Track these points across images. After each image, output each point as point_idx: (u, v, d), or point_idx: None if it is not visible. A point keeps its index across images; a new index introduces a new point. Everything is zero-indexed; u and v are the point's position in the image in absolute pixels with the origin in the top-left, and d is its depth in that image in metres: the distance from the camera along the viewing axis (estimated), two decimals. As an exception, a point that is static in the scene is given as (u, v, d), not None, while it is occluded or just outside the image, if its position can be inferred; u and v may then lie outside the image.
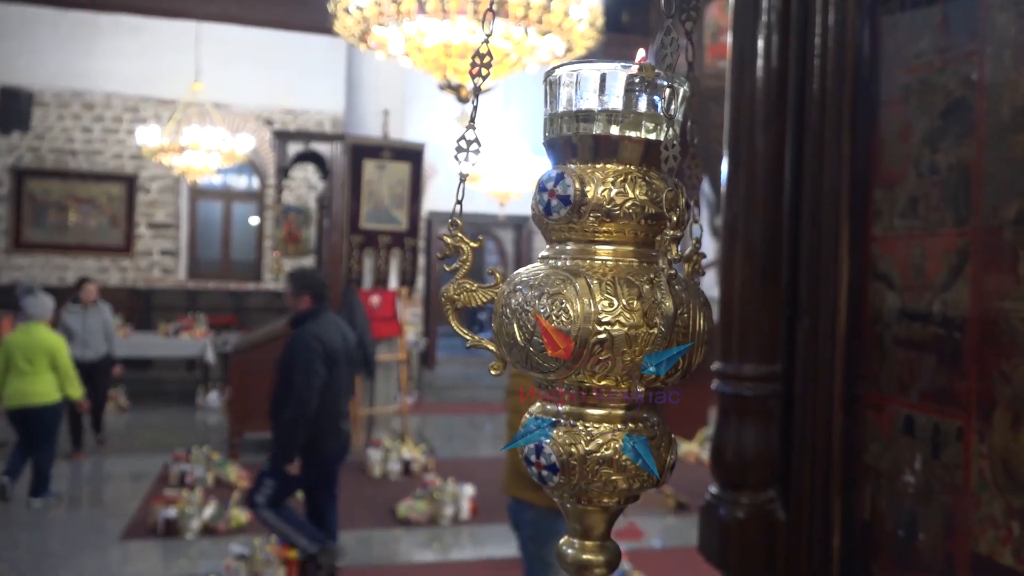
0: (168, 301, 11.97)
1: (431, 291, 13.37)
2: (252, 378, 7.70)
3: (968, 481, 0.98)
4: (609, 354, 0.60)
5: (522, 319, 0.61)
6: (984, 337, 0.97)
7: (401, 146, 8.36)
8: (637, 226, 0.61)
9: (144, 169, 12.20)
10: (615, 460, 0.61)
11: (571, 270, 0.60)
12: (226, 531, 5.66)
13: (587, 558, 0.65)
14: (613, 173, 0.61)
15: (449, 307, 0.67)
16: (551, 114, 0.63)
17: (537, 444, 0.63)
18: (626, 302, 0.59)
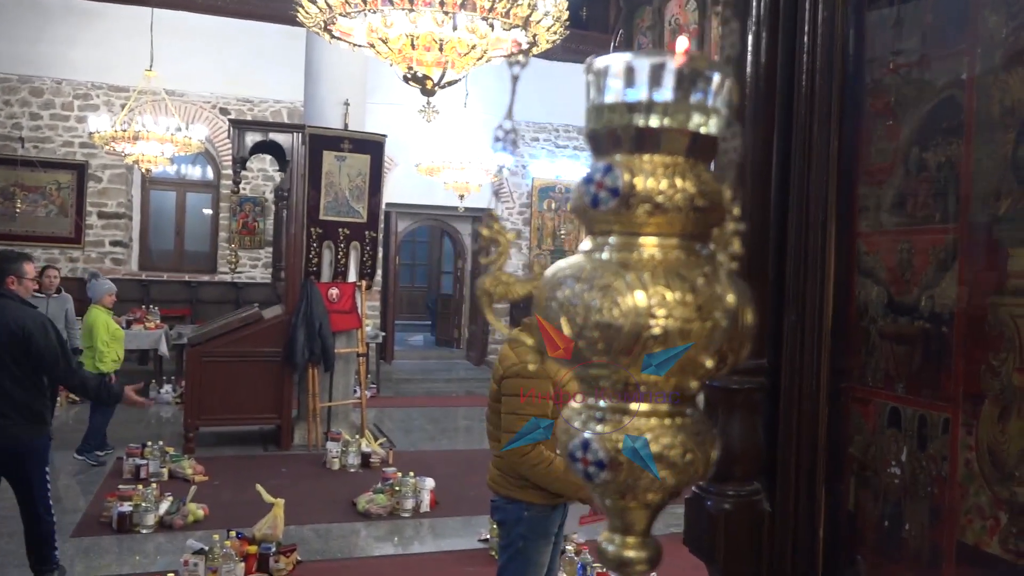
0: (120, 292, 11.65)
1: (388, 285, 13.30)
2: (208, 371, 7.59)
3: (955, 472, 1.00)
4: (664, 348, 0.59)
5: (571, 312, 0.60)
6: (972, 331, 0.99)
7: (361, 137, 8.29)
8: (685, 219, 0.60)
9: (95, 157, 11.90)
10: (664, 456, 0.61)
11: (620, 263, 0.60)
12: (183, 526, 5.58)
13: (629, 555, 0.64)
14: (661, 165, 0.60)
15: (485, 300, 0.66)
16: (595, 105, 0.62)
17: (583, 440, 0.63)
18: (680, 295, 0.58)
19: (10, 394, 4.16)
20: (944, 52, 1.05)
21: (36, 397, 4.30)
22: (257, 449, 7.95)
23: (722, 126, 0.60)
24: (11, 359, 4.16)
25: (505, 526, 3.23)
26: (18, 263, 4.44)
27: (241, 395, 7.66)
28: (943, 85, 1.04)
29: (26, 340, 4.16)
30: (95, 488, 6.45)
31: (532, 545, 3.13)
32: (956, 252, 1.01)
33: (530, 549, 3.13)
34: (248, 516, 5.52)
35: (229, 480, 6.72)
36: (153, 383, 10.21)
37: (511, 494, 3.13)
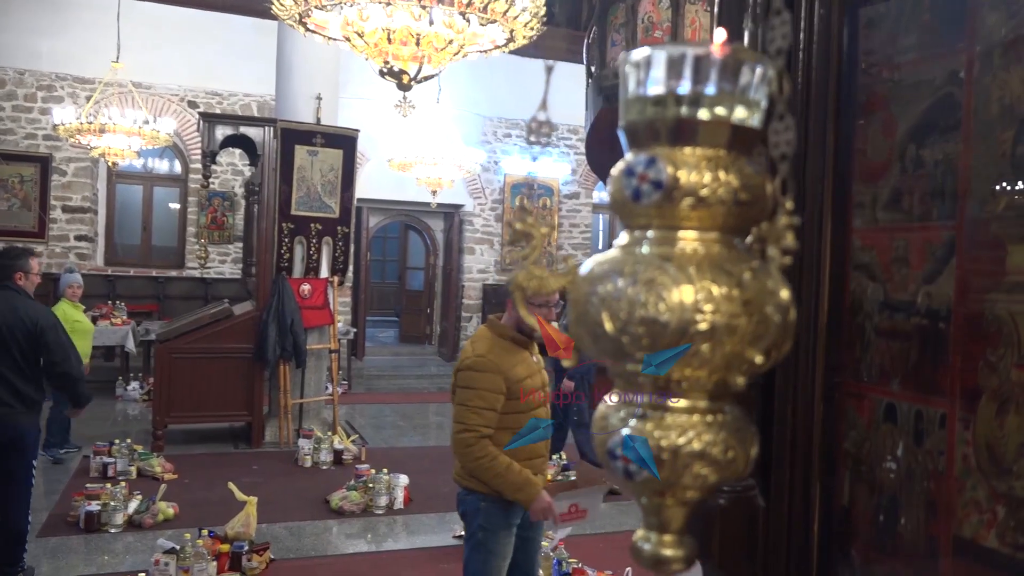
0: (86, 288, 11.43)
1: (360, 280, 13.21)
2: (177, 367, 7.49)
3: (952, 467, 1.01)
4: (709, 344, 0.58)
5: (614, 308, 0.59)
6: (970, 327, 1.00)
7: (334, 132, 8.23)
8: (727, 213, 0.59)
9: (59, 150, 11.68)
10: (706, 453, 0.60)
11: (662, 256, 0.59)
12: (152, 525, 5.50)
13: (666, 553, 0.63)
14: (704, 158, 0.59)
15: (519, 294, 0.64)
16: (633, 97, 0.61)
17: (623, 438, 0.62)
18: (726, 290, 0.57)
19: (14, 384, 4.29)
20: (942, 50, 1.06)
21: (36, 388, 4.43)
22: (227, 447, 7.87)
23: (763, 118, 0.59)
24: (19, 351, 4.30)
25: (467, 518, 3.27)
26: (24, 259, 4.61)
27: (211, 392, 7.57)
28: (941, 83, 1.05)
29: (39, 335, 4.33)
30: (61, 487, 6.34)
31: (491, 536, 3.15)
32: (954, 249, 1.02)
33: (490, 540, 3.16)
34: (219, 514, 5.46)
35: (199, 478, 6.64)
36: (120, 380, 10.06)
37: (470, 485, 3.17)
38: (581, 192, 15.07)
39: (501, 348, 3.11)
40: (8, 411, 4.27)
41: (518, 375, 3.07)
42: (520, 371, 3.08)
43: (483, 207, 14.24)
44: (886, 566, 1.12)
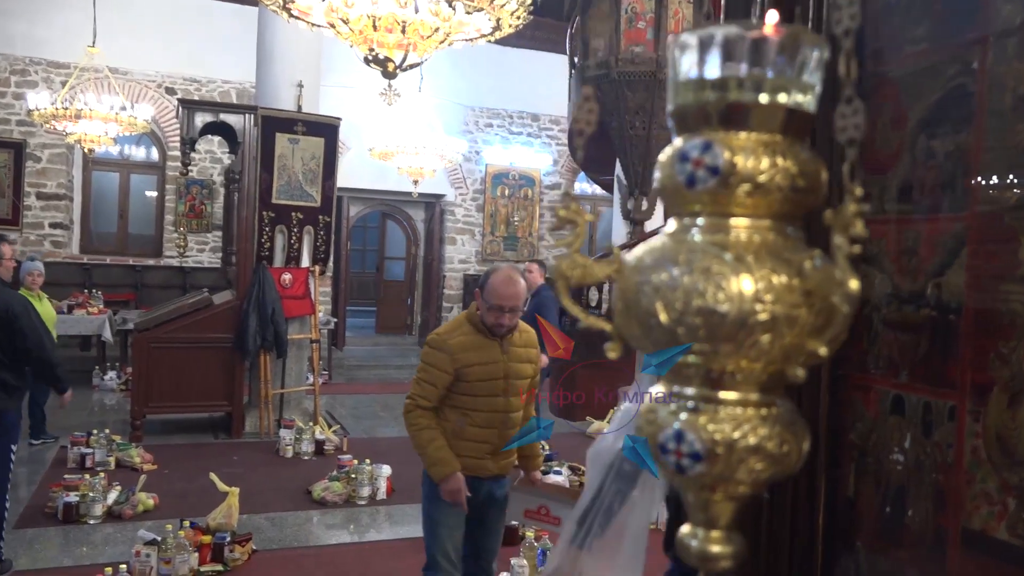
0: (60, 276, 11.32)
1: (340, 270, 13.14)
2: (156, 357, 7.41)
3: (961, 459, 1.01)
4: (769, 336, 0.56)
5: (669, 298, 0.57)
6: (981, 319, 1.00)
7: (316, 120, 8.15)
8: (783, 200, 0.58)
9: (34, 136, 11.50)
10: (762, 447, 0.59)
11: (718, 245, 0.57)
12: (132, 516, 5.44)
13: (714, 550, 0.62)
14: (760, 143, 0.58)
15: (562, 283, 0.63)
16: (683, 80, 0.59)
17: (676, 431, 0.60)
18: (786, 280, 0.56)
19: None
20: (954, 40, 1.06)
21: (12, 374, 4.41)
22: (207, 437, 7.80)
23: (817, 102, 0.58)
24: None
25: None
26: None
27: (190, 382, 7.50)
28: (953, 73, 1.05)
29: (11, 320, 4.32)
30: (38, 478, 6.26)
31: (433, 505, 3.27)
32: (965, 240, 1.02)
33: (431, 509, 3.28)
34: (199, 505, 5.42)
35: (179, 469, 6.58)
36: (97, 369, 9.95)
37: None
38: (563, 183, 15.06)
39: (464, 333, 3.23)
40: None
41: (468, 360, 3.16)
42: (472, 357, 3.17)
43: (464, 197, 14.19)
44: (892, 558, 1.12)
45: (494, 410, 3.19)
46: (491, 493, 3.32)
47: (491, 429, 3.21)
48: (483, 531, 3.40)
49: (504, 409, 3.21)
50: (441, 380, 3.17)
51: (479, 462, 3.21)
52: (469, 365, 3.16)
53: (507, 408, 3.22)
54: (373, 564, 4.94)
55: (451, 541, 3.26)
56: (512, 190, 14.49)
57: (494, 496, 3.34)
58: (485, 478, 3.24)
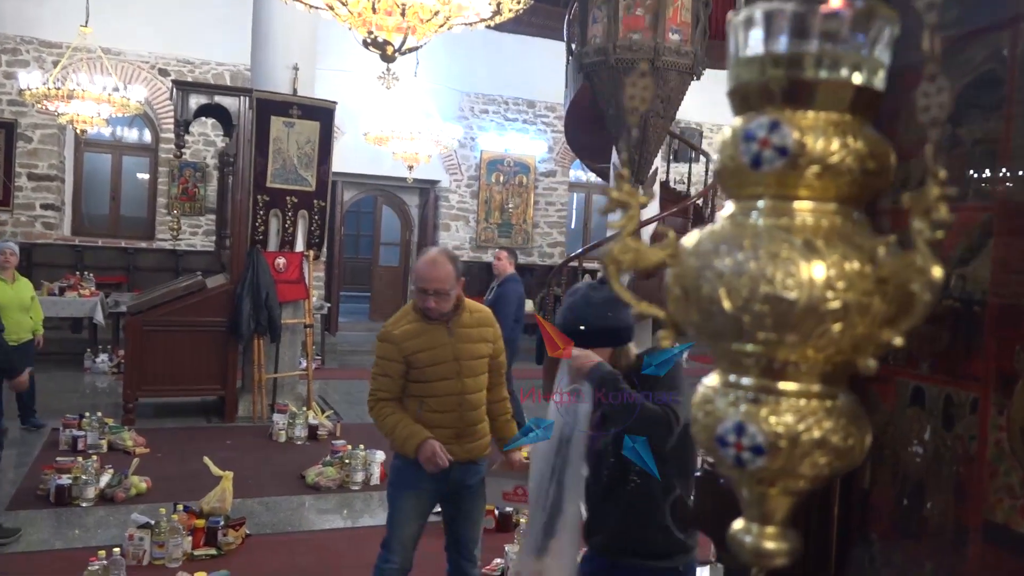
0: (52, 258, 11.26)
1: (334, 255, 13.10)
2: (149, 340, 7.36)
3: (984, 452, 1.00)
4: (841, 325, 0.54)
5: (733, 284, 0.55)
6: (1006, 311, 0.99)
7: (311, 104, 8.09)
8: (852, 182, 0.56)
9: (25, 116, 11.38)
10: (827, 441, 0.57)
11: (785, 228, 0.55)
12: (125, 499, 5.42)
13: (769, 546, 0.60)
14: (829, 123, 0.56)
15: (613, 268, 0.60)
16: (745, 57, 0.57)
17: (737, 424, 0.58)
18: (858, 266, 0.54)
19: None
20: (984, 25, 1.04)
21: None
22: (200, 421, 7.78)
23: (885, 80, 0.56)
24: None
25: None
26: None
27: (183, 366, 7.46)
28: (982, 60, 1.03)
29: None
30: (29, 460, 6.23)
31: (397, 493, 3.32)
32: (991, 230, 1.01)
33: (395, 496, 3.33)
34: (192, 489, 5.40)
35: (171, 452, 6.56)
36: (88, 352, 9.90)
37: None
38: (558, 170, 15.02)
39: (409, 321, 3.24)
40: None
41: (414, 347, 3.17)
42: (417, 344, 3.18)
43: (459, 183, 14.15)
44: (909, 550, 1.11)
45: (449, 393, 3.19)
46: (461, 480, 3.31)
47: (449, 413, 3.21)
48: (460, 519, 3.41)
49: (459, 391, 3.21)
50: (394, 370, 3.19)
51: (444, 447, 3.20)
52: (416, 352, 3.17)
53: (462, 390, 3.22)
54: (366, 549, 4.91)
55: (407, 530, 3.30)
56: (507, 177, 14.44)
57: (465, 483, 3.33)
58: (452, 464, 3.20)
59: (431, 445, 3.11)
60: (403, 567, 3.32)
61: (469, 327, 3.27)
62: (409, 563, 3.34)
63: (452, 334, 3.22)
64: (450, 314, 3.22)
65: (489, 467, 3.43)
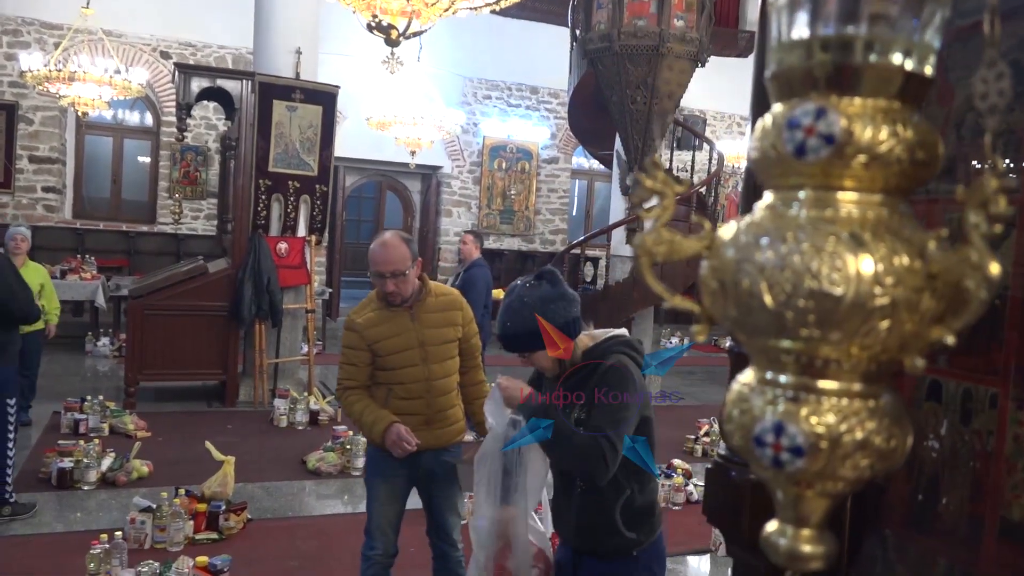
0: (53, 241, 11.23)
1: (335, 240, 13.07)
2: (150, 324, 7.35)
3: (1002, 448, 0.99)
4: (888, 322, 0.52)
5: (775, 279, 0.53)
6: (1028, 305, 0.97)
7: (314, 88, 8.04)
8: (900, 173, 0.54)
9: (26, 98, 11.34)
10: (869, 442, 0.55)
11: (829, 220, 0.53)
12: (126, 483, 5.42)
13: (805, 549, 0.58)
14: (877, 110, 0.53)
15: (646, 260, 0.58)
16: (788, 41, 0.54)
17: (776, 423, 0.56)
18: (908, 261, 0.52)
19: None
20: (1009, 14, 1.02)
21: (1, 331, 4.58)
22: (201, 405, 7.78)
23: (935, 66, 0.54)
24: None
25: None
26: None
27: (184, 350, 7.45)
28: (1006, 48, 1.01)
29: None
30: (31, 443, 6.23)
31: (371, 481, 3.35)
32: (1013, 223, 0.99)
33: (370, 485, 3.36)
34: (193, 473, 5.40)
35: (173, 437, 6.56)
36: (89, 335, 9.89)
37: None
38: (560, 157, 14.98)
39: (372, 309, 3.23)
40: None
41: (377, 335, 3.16)
42: (381, 331, 3.17)
43: (461, 169, 14.11)
44: (922, 546, 1.10)
45: (415, 380, 3.18)
46: (431, 467, 3.28)
47: (417, 399, 3.19)
48: (436, 505, 3.39)
49: (425, 377, 3.19)
50: (359, 358, 3.19)
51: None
52: (379, 340, 3.16)
53: (428, 376, 3.20)
54: (368, 535, 4.95)
55: (385, 515, 3.31)
56: (509, 163, 14.40)
57: (435, 470, 3.30)
58: (422, 450, 3.19)
59: (396, 429, 3.10)
60: (387, 551, 3.32)
61: (434, 312, 3.24)
62: (392, 547, 3.34)
63: (415, 319, 3.20)
64: (413, 299, 3.20)
65: (465, 452, 3.41)
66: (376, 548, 3.30)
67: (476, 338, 3.43)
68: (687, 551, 4.96)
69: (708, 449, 7.07)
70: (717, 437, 7.11)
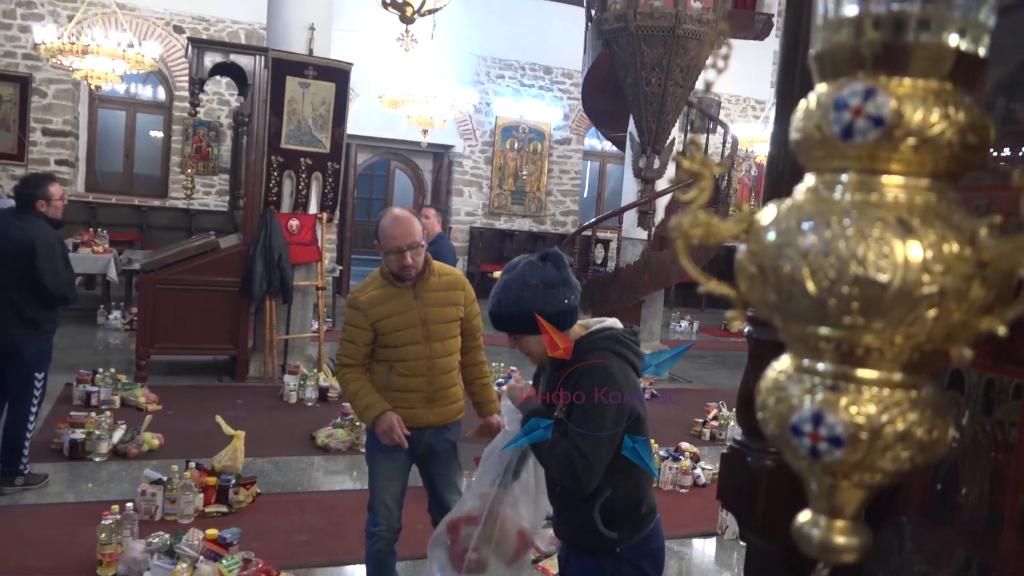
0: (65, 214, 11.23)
1: (346, 218, 13.07)
2: (162, 299, 7.38)
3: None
4: (935, 311, 0.51)
5: (818, 264, 0.52)
6: (1055, 295, 0.95)
7: (327, 64, 8.00)
8: (949, 157, 0.52)
9: (39, 71, 11.35)
10: (910, 434, 0.53)
11: (876, 205, 0.51)
12: (137, 455, 5.46)
13: (838, 541, 0.57)
14: (928, 91, 0.52)
15: (682, 242, 0.57)
16: (835, 19, 0.53)
17: (815, 413, 0.54)
18: (959, 248, 0.50)
19: (15, 302, 4.66)
20: None
21: (32, 305, 4.70)
22: (211, 380, 7.82)
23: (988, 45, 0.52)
24: (20, 270, 4.61)
25: None
26: (44, 187, 4.80)
27: (196, 324, 7.48)
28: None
29: (31, 256, 4.59)
30: (43, 414, 6.27)
31: (372, 456, 3.34)
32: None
33: (371, 460, 3.35)
34: (203, 447, 5.44)
35: (183, 410, 6.60)
36: (101, 308, 9.94)
37: None
38: (573, 138, 14.91)
39: (376, 287, 3.22)
40: (3, 322, 4.65)
41: (381, 313, 3.16)
42: (384, 309, 3.17)
43: (473, 149, 14.06)
44: (940, 536, 1.09)
45: (417, 358, 3.18)
46: (431, 444, 3.28)
47: (419, 377, 3.19)
48: (437, 482, 3.39)
49: (427, 356, 3.19)
50: (360, 337, 3.18)
51: (413, 412, 3.18)
52: (382, 318, 3.15)
53: (430, 354, 3.20)
54: (376, 512, 4.98)
55: (387, 490, 3.30)
56: (521, 144, 14.35)
57: (435, 447, 3.30)
58: (423, 427, 3.20)
59: (388, 418, 3.11)
60: (390, 527, 3.33)
61: (436, 291, 3.24)
62: (396, 522, 3.35)
63: (419, 298, 3.20)
64: (417, 278, 3.20)
65: (464, 432, 3.42)
66: (380, 524, 3.32)
67: (478, 318, 3.43)
68: (693, 534, 4.98)
69: (716, 433, 7.07)
70: (726, 421, 7.11)
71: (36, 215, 4.72)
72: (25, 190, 4.77)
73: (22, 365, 4.74)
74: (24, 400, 4.77)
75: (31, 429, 4.88)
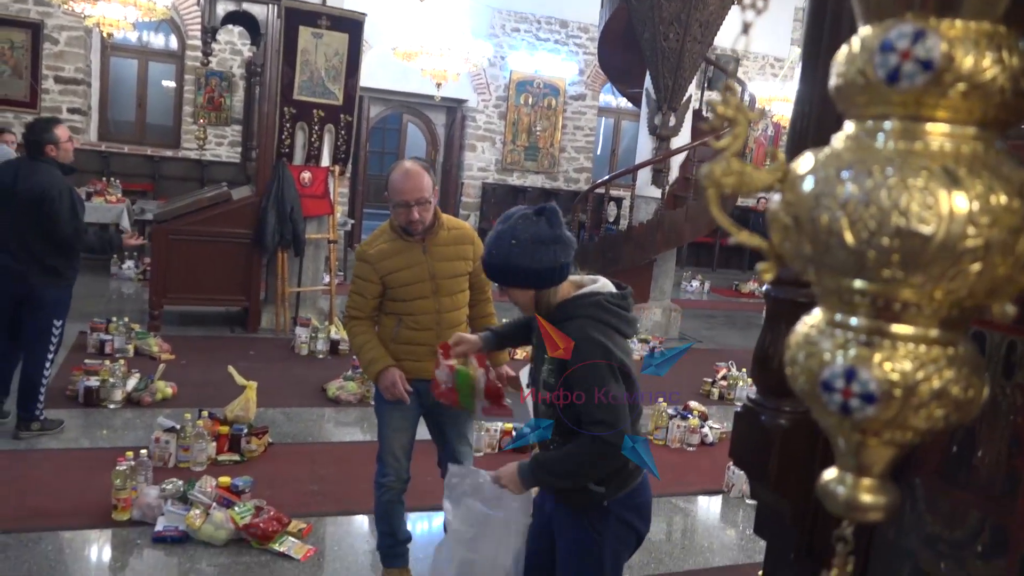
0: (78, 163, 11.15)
1: (358, 171, 13.02)
2: (175, 249, 7.40)
3: (1045, 401, 0.96)
4: (980, 265, 0.49)
5: (858, 215, 0.50)
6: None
7: (340, 15, 7.90)
8: (1001, 105, 0.50)
9: (51, 17, 11.25)
10: (946, 392, 0.52)
11: (921, 154, 0.49)
12: (151, 403, 5.53)
13: (864, 499, 0.56)
14: (980, 34, 0.49)
15: (713, 191, 0.55)
16: None
17: (848, 368, 0.53)
18: (1007, 200, 0.48)
19: (32, 248, 4.68)
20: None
21: (51, 252, 4.74)
22: (223, 330, 7.87)
23: None
24: (34, 218, 4.63)
25: None
26: (51, 131, 4.76)
27: (208, 275, 7.51)
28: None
29: (45, 203, 4.61)
30: (58, 361, 6.33)
31: (380, 408, 3.36)
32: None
33: (380, 411, 3.38)
34: (216, 396, 5.49)
35: (196, 360, 6.66)
36: (115, 258, 9.99)
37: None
38: (588, 94, 14.74)
39: (384, 240, 3.23)
40: (24, 269, 4.68)
41: (390, 267, 3.17)
42: (393, 263, 3.17)
43: (487, 103, 13.93)
44: (955, 498, 1.09)
45: (425, 311, 3.19)
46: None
47: (427, 331, 3.21)
48: (445, 435, 3.41)
49: (436, 310, 3.21)
50: (369, 290, 3.20)
51: (419, 364, 3.19)
52: (391, 272, 3.16)
53: (439, 308, 3.22)
54: (386, 463, 5.03)
55: (396, 441, 3.32)
56: (536, 99, 14.20)
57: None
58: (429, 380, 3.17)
59: (391, 374, 3.14)
60: (399, 477, 3.35)
61: (446, 245, 3.24)
62: (405, 473, 3.37)
63: (427, 252, 3.20)
64: (426, 232, 3.19)
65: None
66: (389, 475, 3.35)
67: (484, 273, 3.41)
68: (699, 491, 5.01)
69: (725, 392, 7.09)
70: (735, 381, 7.12)
71: (47, 161, 4.71)
72: (32, 136, 4.76)
73: (42, 312, 4.78)
74: (42, 347, 4.82)
75: (47, 376, 4.93)
